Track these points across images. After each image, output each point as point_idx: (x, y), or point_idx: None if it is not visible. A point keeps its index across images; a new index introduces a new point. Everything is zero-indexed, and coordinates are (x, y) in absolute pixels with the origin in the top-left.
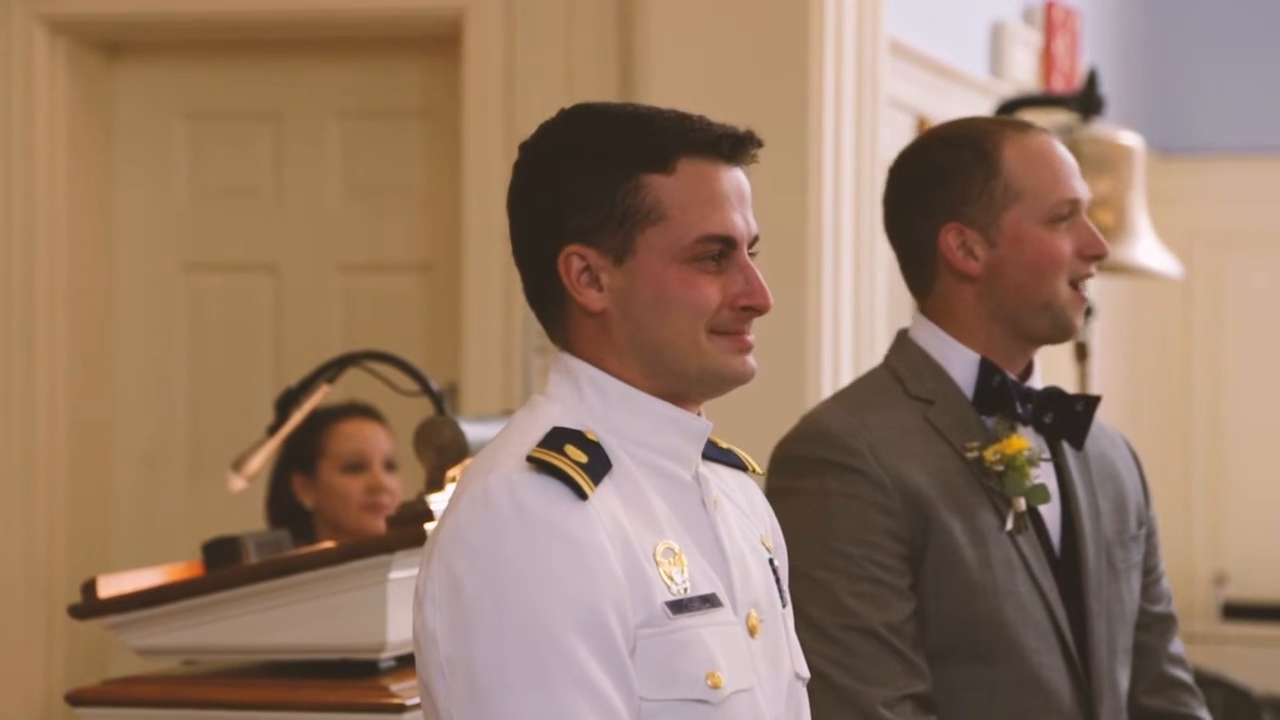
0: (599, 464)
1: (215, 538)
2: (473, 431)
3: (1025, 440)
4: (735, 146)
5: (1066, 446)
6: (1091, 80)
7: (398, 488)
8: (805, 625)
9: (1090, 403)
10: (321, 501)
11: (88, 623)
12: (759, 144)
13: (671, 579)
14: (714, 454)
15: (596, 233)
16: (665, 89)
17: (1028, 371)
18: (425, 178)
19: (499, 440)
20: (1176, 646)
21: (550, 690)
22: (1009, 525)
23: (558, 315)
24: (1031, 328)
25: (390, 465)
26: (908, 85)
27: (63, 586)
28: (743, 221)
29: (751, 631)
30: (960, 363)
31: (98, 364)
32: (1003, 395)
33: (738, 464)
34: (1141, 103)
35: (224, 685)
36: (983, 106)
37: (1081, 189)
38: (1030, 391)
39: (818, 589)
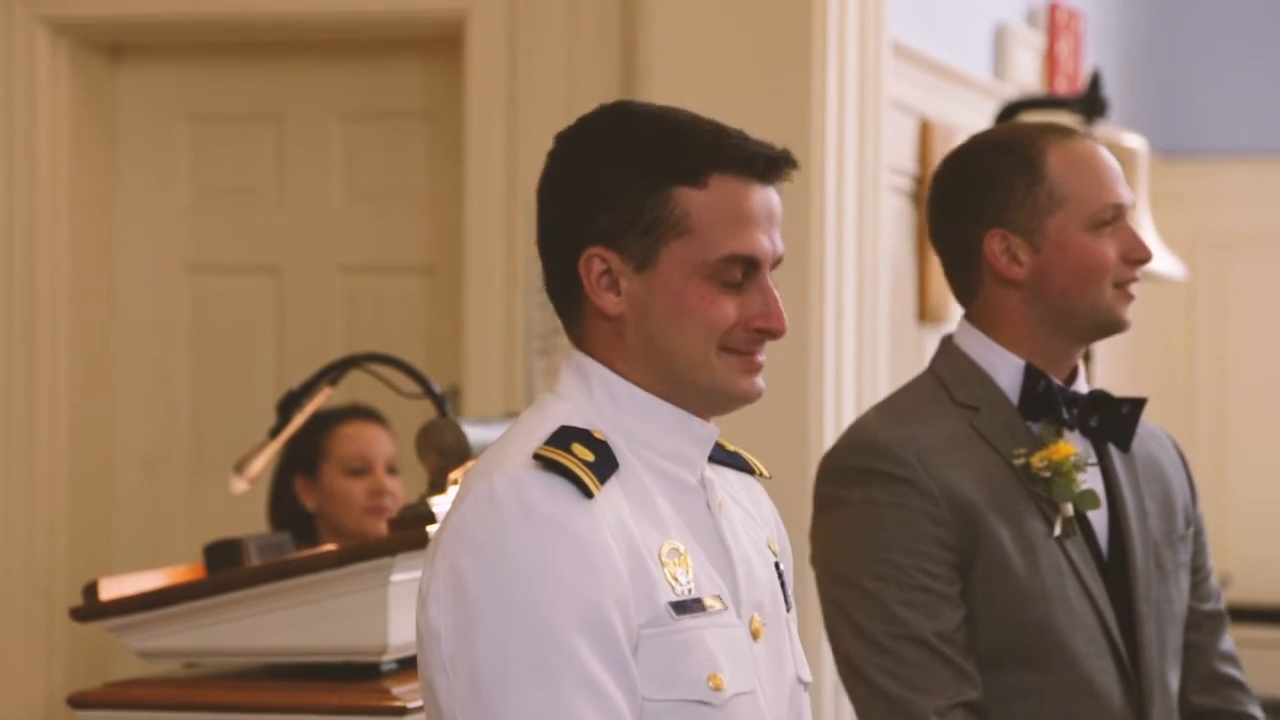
0: (606, 463)
1: (217, 540)
2: (475, 434)
3: (1072, 445)
4: (769, 166)
5: (1113, 449)
6: (1095, 82)
7: (400, 491)
8: (856, 635)
9: (1136, 405)
10: (324, 504)
11: (89, 625)
12: (794, 164)
13: (676, 580)
14: (721, 457)
15: (621, 237)
16: (668, 91)
17: (1072, 376)
18: (427, 179)
19: (506, 438)
20: (1227, 644)
21: (553, 688)
22: (1057, 531)
23: (574, 312)
24: (1079, 327)
25: (392, 468)
26: (910, 87)
27: (64, 588)
28: (768, 243)
29: (754, 635)
30: (1005, 369)
31: (99, 365)
32: (1048, 400)
33: (745, 467)
34: (1145, 105)
35: (225, 688)
36: (986, 109)
37: (1125, 194)
38: (1075, 396)
39: (868, 599)
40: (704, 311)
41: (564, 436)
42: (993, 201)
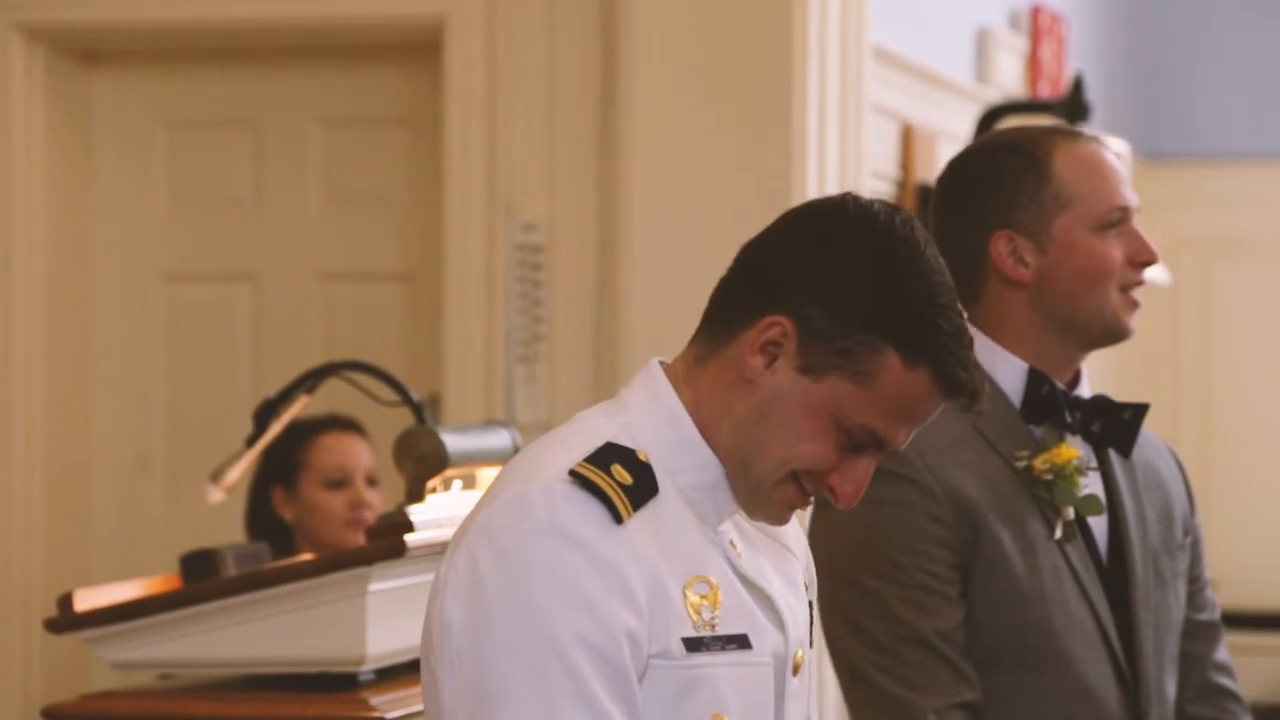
0: (644, 488)
1: (193, 550)
2: (453, 442)
3: (1074, 449)
4: (960, 400)
5: (1113, 455)
6: (1077, 86)
7: (379, 502)
8: (855, 633)
9: (1138, 411)
10: (302, 516)
11: (64, 636)
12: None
13: (699, 614)
14: None
15: (810, 337)
16: (648, 97)
17: (1075, 380)
18: (406, 186)
19: (553, 442)
20: (1222, 654)
21: (551, 701)
22: (1058, 534)
23: (720, 342)
24: (1084, 332)
25: (372, 479)
26: (892, 92)
27: (40, 599)
28: (906, 437)
29: (796, 669)
30: (1008, 372)
31: (76, 374)
32: (1051, 404)
33: None
34: (1128, 108)
35: (202, 699)
36: (969, 113)
37: (1131, 197)
38: (1078, 400)
39: (868, 597)
40: (810, 446)
41: (606, 454)
42: (999, 202)
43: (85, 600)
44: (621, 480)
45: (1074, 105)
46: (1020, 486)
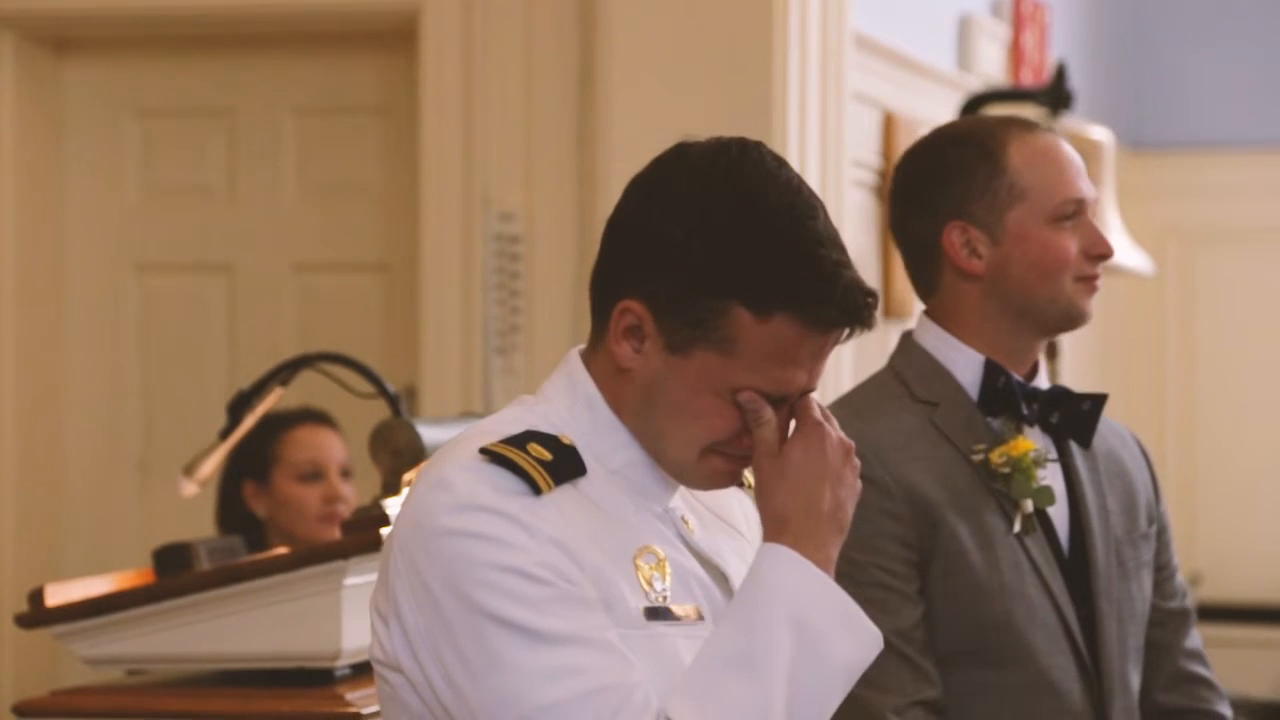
0: (567, 465)
1: (166, 544)
2: (429, 434)
3: (1031, 441)
4: (842, 322)
5: (1074, 446)
6: (1060, 74)
7: (353, 496)
8: None
9: (1097, 401)
10: (276, 511)
11: (36, 632)
12: (875, 306)
13: (651, 585)
14: None
15: (663, 311)
16: (627, 86)
17: (1033, 372)
18: (382, 175)
19: (471, 433)
20: (1194, 641)
21: (540, 651)
22: (1016, 527)
23: (597, 335)
24: (1039, 320)
25: (346, 473)
26: (873, 79)
27: (11, 594)
28: (804, 378)
29: None
30: (964, 364)
31: (47, 366)
32: (1008, 396)
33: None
34: (1111, 97)
35: (175, 695)
36: (951, 101)
37: (1087, 188)
38: (1036, 391)
39: None
40: (707, 422)
41: (524, 437)
42: (952, 194)
43: (56, 595)
44: (539, 456)
45: (1056, 93)
46: (977, 480)
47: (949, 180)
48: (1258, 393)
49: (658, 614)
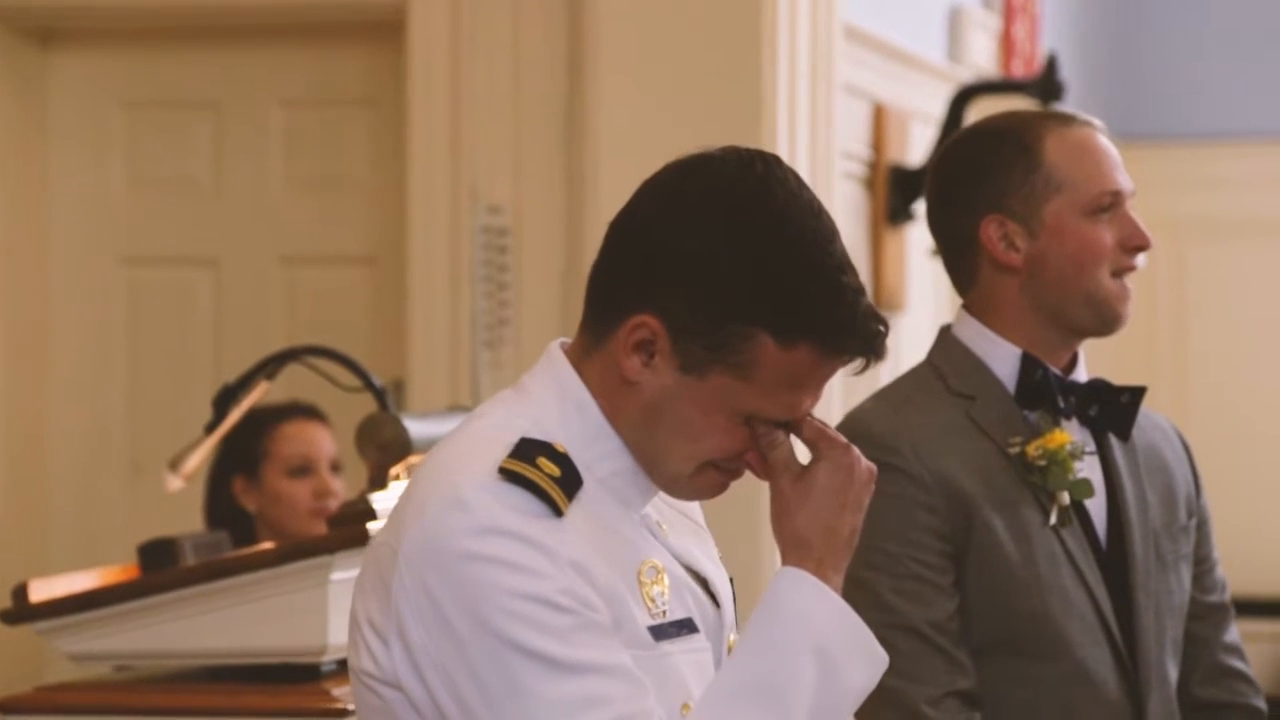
0: (571, 480)
1: (152, 539)
2: (416, 428)
3: (1068, 434)
4: (861, 353)
5: (1113, 439)
6: (1051, 65)
7: (343, 490)
8: None
9: (1136, 394)
10: (265, 506)
11: (20, 628)
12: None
13: (653, 600)
14: None
15: (682, 332)
16: (615, 78)
17: (1072, 364)
18: (369, 168)
19: (464, 442)
20: (1232, 635)
21: (564, 681)
22: (1052, 520)
23: (599, 339)
24: (1075, 320)
25: (336, 467)
26: (864, 71)
27: None
28: (811, 403)
29: (729, 651)
30: (1002, 358)
31: (32, 361)
32: (1045, 389)
33: None
34: (1102, 88)
35: (160, 691)
36: (941, 93)
37: (1124, 181)
38: (1074, 385)
39: (860, 588)
40: (714, 441)
41: (528, 449)
42: (989, 188)
43: (41, 591)
44: (550, 473)
45: (1048, 85)
46: (1014, 473)
47: (986, 174)
48: (1248, 385)
49: (662, 632)
